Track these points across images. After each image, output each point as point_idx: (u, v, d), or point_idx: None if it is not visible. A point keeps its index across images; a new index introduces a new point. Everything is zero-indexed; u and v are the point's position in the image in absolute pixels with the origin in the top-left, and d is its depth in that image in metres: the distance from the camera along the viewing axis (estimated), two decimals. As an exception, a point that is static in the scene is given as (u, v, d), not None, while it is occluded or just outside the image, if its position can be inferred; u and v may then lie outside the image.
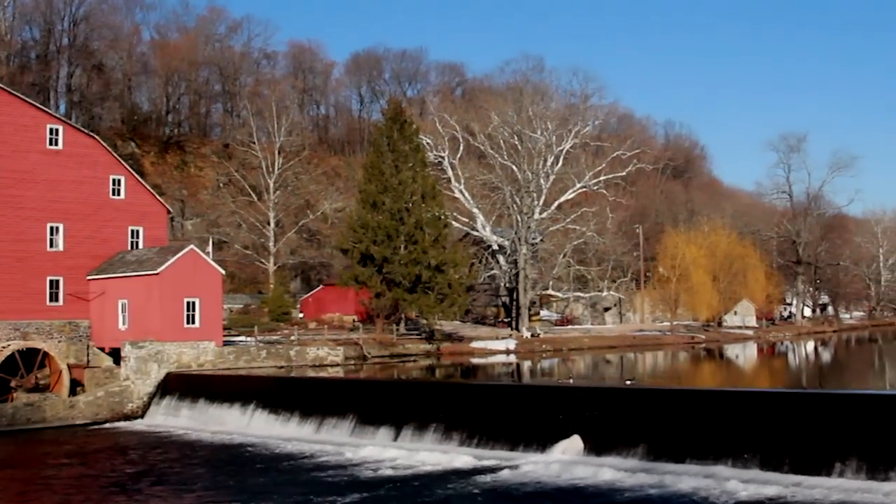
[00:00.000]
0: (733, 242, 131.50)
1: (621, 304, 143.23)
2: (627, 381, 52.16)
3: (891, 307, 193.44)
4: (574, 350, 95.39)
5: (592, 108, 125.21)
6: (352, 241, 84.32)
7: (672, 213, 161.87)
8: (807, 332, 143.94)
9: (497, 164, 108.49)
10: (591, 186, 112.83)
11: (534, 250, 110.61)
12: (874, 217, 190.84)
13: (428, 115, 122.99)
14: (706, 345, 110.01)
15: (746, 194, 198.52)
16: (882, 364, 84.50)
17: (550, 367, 79.23)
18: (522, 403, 38.85)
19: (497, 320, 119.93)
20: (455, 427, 38.31)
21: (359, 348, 76.90)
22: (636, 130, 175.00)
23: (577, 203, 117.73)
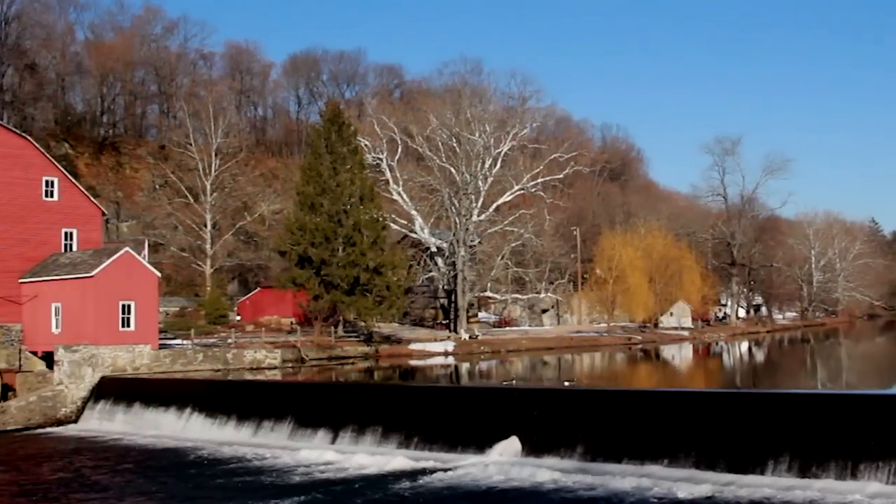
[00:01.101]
0: (669, 244, 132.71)
1: (559, 306, 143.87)
2: (566, 382, 52.41)
3: (822, 307, 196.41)
4: (512, 352, 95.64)
5: (530, 111, 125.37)
6: (289, 243, 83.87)
7: (609, 216, 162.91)
8: (741, 333, 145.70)
9: (435, 166, 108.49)
10: (529, 189, 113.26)
11: (472, 252, 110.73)
12: (806, 219, 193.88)
13: (366, 116, 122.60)
14: (643, 346, 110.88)
15: (682, 196, 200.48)
16: (813, 364, 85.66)
17: (489, 368, 79.35)
18: (460, 405, 38.84)
19: (435, 322, 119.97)
20: (393, 429, 38.20)
21: (297, 351, 76.53)
22: (573, 133, 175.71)
23: (515, 205, 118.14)
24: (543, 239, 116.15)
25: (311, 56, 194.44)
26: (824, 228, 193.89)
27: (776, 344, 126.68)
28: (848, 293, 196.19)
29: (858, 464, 27.30)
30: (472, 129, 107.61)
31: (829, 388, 57.36)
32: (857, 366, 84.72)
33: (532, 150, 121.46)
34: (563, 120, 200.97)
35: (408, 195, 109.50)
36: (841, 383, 62.94)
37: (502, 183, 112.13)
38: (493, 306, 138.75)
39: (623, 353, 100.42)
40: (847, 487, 26.67)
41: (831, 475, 27.45)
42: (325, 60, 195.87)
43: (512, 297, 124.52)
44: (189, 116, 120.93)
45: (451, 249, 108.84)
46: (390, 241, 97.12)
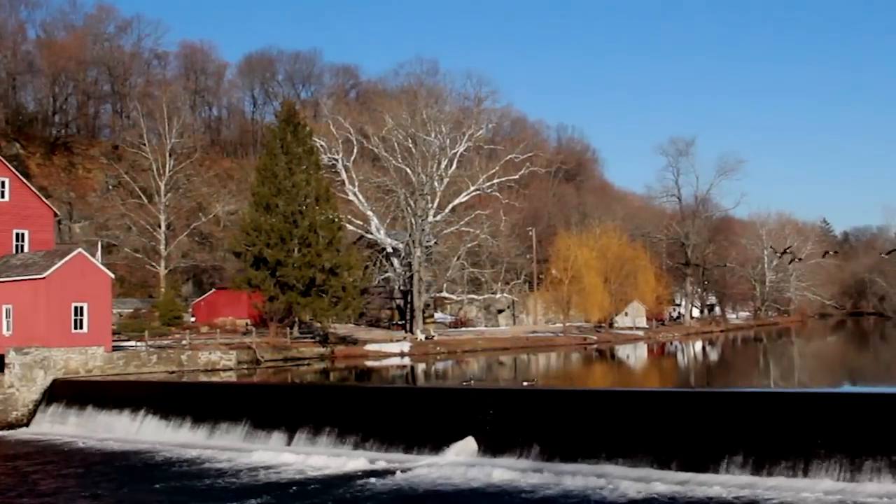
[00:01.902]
0: (624, 245, 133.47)
1: (515, 306, 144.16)
2: (525, 382, 52.52)
3: (775, 307, 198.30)
4: (468, 352, 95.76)
5: (486, 112, 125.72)
6: (245, 244, 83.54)
7: (564, 216, 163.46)
8: (695, 333, 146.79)
9: (391, 167, 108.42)
10: (485, 189, 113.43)
11: (428, 253, 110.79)
12: (759, 219, 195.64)
13: (322, 117, 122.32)
14: (598, 346, 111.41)
15: (637, 197, 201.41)
16: (766, 363, 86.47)
17: (445, 369, 79.43)
18: (416, 406, 38.85)
19: (391, 323, 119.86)
20: (349, 430, 38.13)
21: (252, 352, 76.24)
22: (529, 134, 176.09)
23: (471, 206, 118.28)
24: (499, 239, 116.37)
25: (266, 56, 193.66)
26: (777, 229, 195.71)
27: (729, 343, 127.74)
28: (800, 293, 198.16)
29: (810, 461, 27.61)
30: (427, 129, 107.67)
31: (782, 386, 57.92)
32: (808, 364, 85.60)
33: (488, 151, 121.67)
34: (518, 121, 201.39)
35: (364, 196, 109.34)
36: (793, 382, 63.56)
37: (458, 184, 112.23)
38: (449, 307, 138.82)
39: (579, 353, 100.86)
40: (800, 485, 26.96)
41: (784, 473, 27.73)
42: (281, 60, 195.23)
43: (468, 298, 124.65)
44: (143, 116, 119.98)
45: (407, 250, 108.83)
46: (346, 241, 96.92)
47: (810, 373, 75.92)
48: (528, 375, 66.74)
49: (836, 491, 26.15)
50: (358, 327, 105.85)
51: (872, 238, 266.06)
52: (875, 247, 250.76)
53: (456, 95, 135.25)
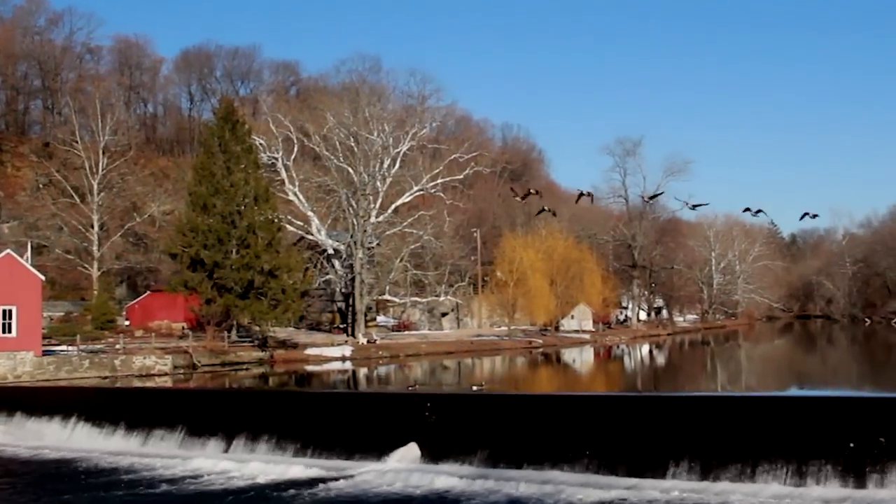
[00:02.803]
0: (570, 246, 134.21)
1: (459, 309, 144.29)
2: (474, 386, 52.66)
3: (722, 310, 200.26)
4: (411, 356, 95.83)
5: (430, 110, 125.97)
6: (181, 245, 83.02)
7: (510, 217, 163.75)
8: (642, 336, 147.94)
9: (332, 167, 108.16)
10: (429, 189, 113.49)
11: (370, 254, 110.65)
12: (707, 221, 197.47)
13: (261, 114, 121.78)
14: (544, 349, 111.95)
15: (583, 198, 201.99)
16: (713, 366, 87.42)
17: (387, 373, 79.46)
18: (358, 411, 38.79)
19: (333, 326, 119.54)
20: (289, 437, 37.96)
21: (188, 357, 75.84)
22: (474, 133, 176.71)
23: (415, 206, 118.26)
24: (443, 241, 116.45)
25: (203, 51, 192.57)
26: (724, 230, 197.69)
27: (677, 347, 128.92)
28: (747, 295, 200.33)
29: (758, 465, 27.94)
30: (370, 128, 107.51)
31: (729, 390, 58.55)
32: (755, 368, 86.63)
33: (432, 150, 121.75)
34: (463, 119, 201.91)
35: (304, 196, 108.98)
36: (740, 386, 64.29)
37: (401, 184, 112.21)
38: (391, 310, 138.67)
39: (524, 357, 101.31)
40: (747, 489, 27.28)
41: (731, 478, 28.04)
42: (219, 56, 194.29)
43: (411, 301, 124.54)
44: (75, 113, 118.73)
45: (348, 252, 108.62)
46: (286, 243, 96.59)
47: (757, 376, 76.88)
48: (476, 380, 66.92)
49: (784, 495, 26.49)
50: (298, 331, 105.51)
51: (820, 240, 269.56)
52: (822, 249, 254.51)
53: (399, 93, 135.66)
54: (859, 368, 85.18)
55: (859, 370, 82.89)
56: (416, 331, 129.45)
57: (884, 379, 72.31)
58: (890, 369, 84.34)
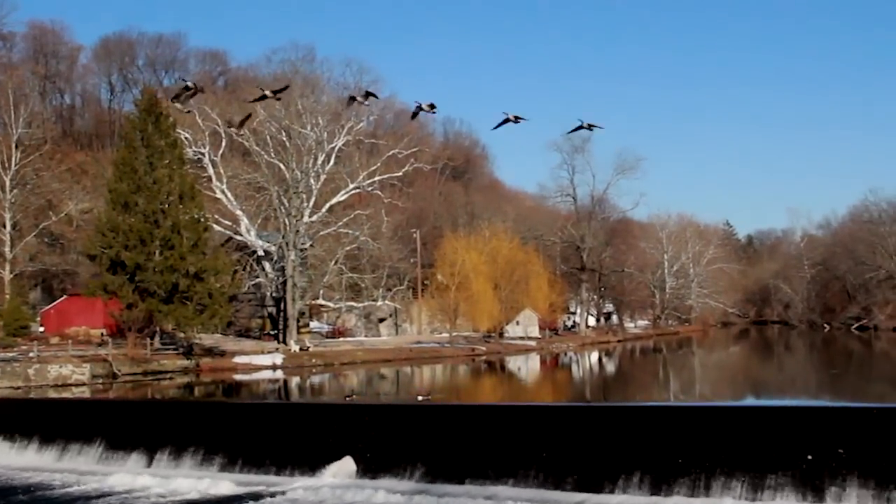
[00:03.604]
0: (515, 248, 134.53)
1: (397, 315, 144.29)
2: (420, 396, 52.80)
3: (675, 315, 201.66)
4: (346, 364, 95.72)
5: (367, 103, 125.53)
6: (100, 246, 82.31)
7: (451, 217, 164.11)
8: (591, 343, 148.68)
9: (263, 162, 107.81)
10: (366, 187, 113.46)
11: (303, 256, 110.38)
12: (659, 222, 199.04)
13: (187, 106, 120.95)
14: (487, 357, 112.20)
15: (529, 197, 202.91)
16: (666, 375, 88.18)
17: (321, 383, 79.36)
18: (290, 423, 38.65)
19: (263, 333, 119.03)
20: (216, 451, 37.75)
21: (108, 365, 75.27)
22: (413, 127, 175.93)
23: (350, 205, 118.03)
24: (381, 242, 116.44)
25: (125, 39, 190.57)
26: (677, 231, 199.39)
27: (627, 354, 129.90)
28: (701, 300, 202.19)
29: (712, 479, 28.17)
30: (303, 121, 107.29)
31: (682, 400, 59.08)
32: (709, 377, 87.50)
33: (369, 146, 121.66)
34: (402, 113, 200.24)
35: (233, 193, 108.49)
36: (693, 395, 64.89)
37: (336, 181, 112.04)
38: (325, 315, 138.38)
39: (466, 365, 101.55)
40: (701, 504, 27.56)
41: (684, 492, 28.24)
42: (142, 44, 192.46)
43: (346, 306, 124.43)
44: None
45: (279, 253, 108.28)
46: (213, 243, 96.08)
47: (712, 385, 77.65)
48: (422, 390, 66.99)
49: (740, 511, 26.80)
50: (226, 338, 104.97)
51: (777, 242, 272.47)
52: (780, 251, 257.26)
53: (334, 84, 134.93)
54: (818, 377, 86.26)
55: (818, 378, 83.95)
56: (352, 337, 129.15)
57: (843, 388, 73.25)
58: (850, 377, 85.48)
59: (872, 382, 78.98)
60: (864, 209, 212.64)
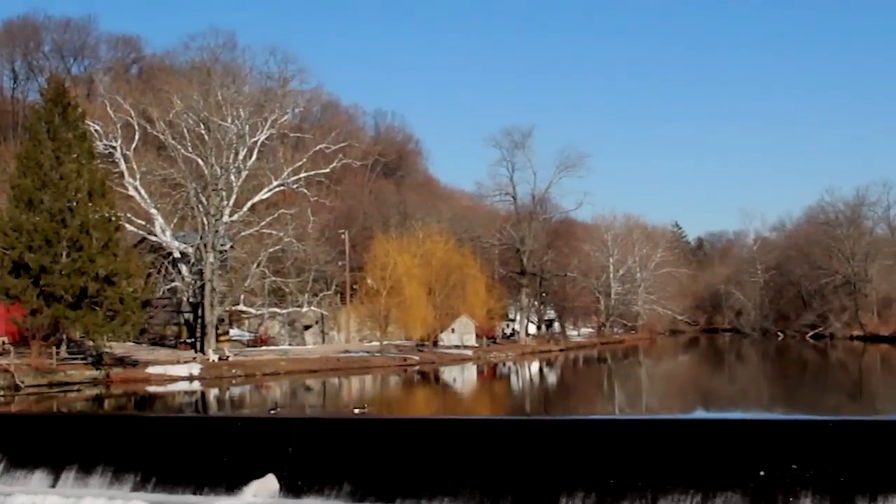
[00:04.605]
0: (451, 250, 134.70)
1: (324, 322, 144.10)
2: (357, 409, 52.82)
3: (621, 322, 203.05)
4: (269, 375, 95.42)
5: (292, 94, 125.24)
6: (2, 246, 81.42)
7: (383, 217, 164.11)
8: (531, 352, 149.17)
9: (180, 157, 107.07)
10: (291, 184, 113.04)
11: (222, 259, 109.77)
12: (604, 223, 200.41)
13: (97, 96, 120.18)
14: (420, 367, 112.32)
15: (466, 196, 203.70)
16: (611, 386, 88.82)
17: (242, 395, 79.13)
18: (208, 439, 38.47)
19: (179, 341, 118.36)
20: (127, 468, 37.47)
21: (10, 376, 74.50)
22: (342, 120, 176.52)
23: (274, 204, 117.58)
24: (307, 243, 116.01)
25: (29, 23, 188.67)
26: (624, 233, 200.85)
27: (570, 364, 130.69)
28: (649, 306, 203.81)
29: (659, 496, 28.40)
30: (223, 113, 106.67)
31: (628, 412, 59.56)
32: (657, 388, 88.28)
33: (294, 140, 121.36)
34: (330, 105, 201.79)
35: (146, 190, 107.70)
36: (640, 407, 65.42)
37: (259, 178, 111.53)
38: (247, 322, 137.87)
39: (398, 375, 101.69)
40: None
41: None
42: (48, 28, 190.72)
43: (269, 312, 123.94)
44: None
45: (197, 255, 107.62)
46: (125, 244, 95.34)
47: (660, 397, 78.38)
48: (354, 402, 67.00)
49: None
50: (139, 346, 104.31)
51: (729, 244, 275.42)
52: (732, 255, 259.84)
53: (257, 74, 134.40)
54: (771, 388, 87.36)
55: (771, 390, 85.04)
56: (275, 346, 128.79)
57: (798, 399, 74.26)
58: (805, 388, 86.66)
59: (828, 394, 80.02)
60: (821, 210, 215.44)
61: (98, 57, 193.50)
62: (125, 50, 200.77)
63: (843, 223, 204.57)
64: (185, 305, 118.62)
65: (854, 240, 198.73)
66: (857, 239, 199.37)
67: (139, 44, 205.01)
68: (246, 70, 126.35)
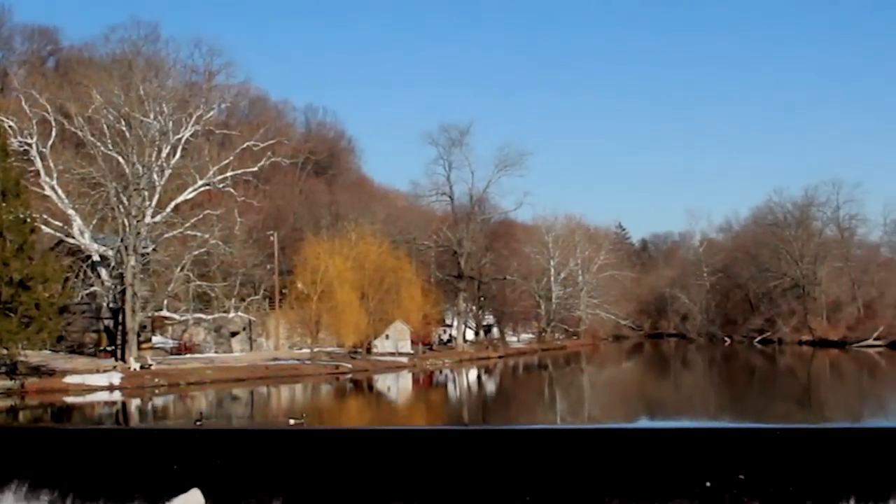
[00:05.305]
0: (385, 253, 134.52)
1: (252, 328, 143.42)
2: (292, 420, 52.66)
3: (563, 328, 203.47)
4: (194, 384, 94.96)
5: (218, 88, 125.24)
6: None
7: (313, 218, 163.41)
8: (469, 359, 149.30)
9: (99, 155, 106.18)
10: (216, 184, 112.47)
11: (144, 262, 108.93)
12: (545, 224, 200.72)
13: (11, 90, 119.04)
14: (353, 375, 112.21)
15: (401, 196, 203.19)
16: (552, 394, 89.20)
17: (165, 405, 78.72)
18: (129, 452, 38.26)
19: (98, 349, 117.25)
20: (43, 483, 37.19)
21: (-84, 388, 73.80)
22: (271, 117, 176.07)
23: (199, 204, 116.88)
24: (233, 246, 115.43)
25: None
26: (565, 235, 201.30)
27: (510, 372, 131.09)
28: (591, 311, 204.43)
29: (602, 508, 28.60)
30: (145, 108, 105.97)
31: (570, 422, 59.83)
32: (600, 396, 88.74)
33: (220, 137, 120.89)
34: (258, 100, 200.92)
35: (64, 190, 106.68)
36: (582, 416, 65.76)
37: (183, 177, 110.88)
38: (170, 329, 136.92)
39: (330, 384, 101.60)
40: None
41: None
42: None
43: (194, 318, 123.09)
44: None
45: (118, 258, 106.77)
46: (41, 247, 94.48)
47: (602, 406, 78.82)
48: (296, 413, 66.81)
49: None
50: (56, 354, 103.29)
51: (674, 246, 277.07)
52: (677, 257, 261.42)
53: (181, 68, 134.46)
54: (717, 395, 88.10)
55: (717, 397, 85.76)
56: (201, 354, 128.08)
57: (745, 407, 74.89)
58: (752, 396, 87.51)
59: (775, 401, 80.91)
60: (768, 211, 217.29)
61: (12, 49, 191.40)
62: (41, 42, 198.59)
63: (791, 224, 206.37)
64: (105, 311, 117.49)
65: (803, 241, 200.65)
66: (805, 240, 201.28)
67: (56, 35, 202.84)
68: (169, 63, 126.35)
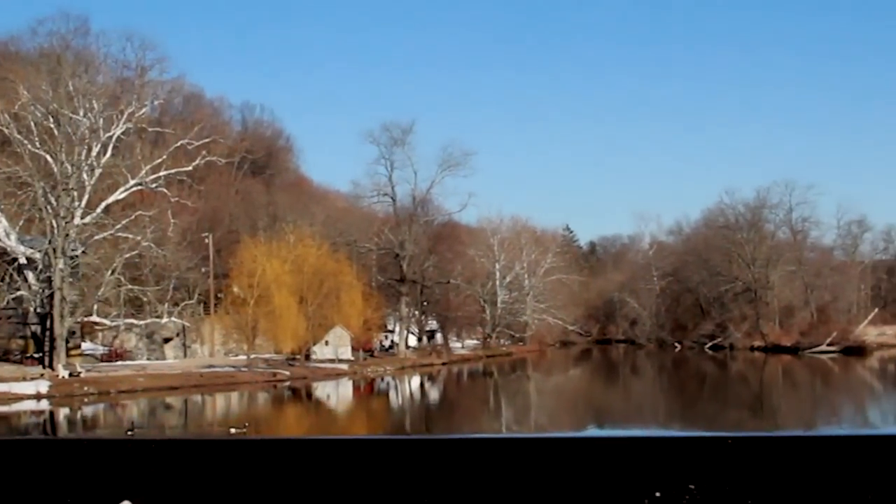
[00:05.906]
0: (325, 256, 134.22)
1: (186, 334, 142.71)
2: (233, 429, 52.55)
3: (508, 334, 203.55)
4: (125, 392, 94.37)
5: (151, 84, 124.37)
6: None
7: (250, 219, 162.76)
8: (411, 366, 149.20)
9: (26, 153, 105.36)
10: (149, 184, 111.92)
11: (74, 265, 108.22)
12: (490, 226, 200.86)
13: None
14: (291, 383, 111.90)
15: (341, 196, 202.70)
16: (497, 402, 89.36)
17: (95, 414, 78.22)
18: (56, 463, 37.89)
19: (25, 356, 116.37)
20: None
21: None
22: (207, 114, 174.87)
23: (131, 205, 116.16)
24: (166, 248, 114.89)
25: None
26: (511, 237, 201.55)
27: (454, 379, 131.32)
28: (538, 316, 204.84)
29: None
30: (75, 105, 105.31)
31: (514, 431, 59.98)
32: (546, 404, 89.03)
33: (153, 135, 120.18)
34: (193, 97, 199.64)
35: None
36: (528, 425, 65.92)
37: (114, 176, 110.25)
38: (101, 335, 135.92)
39: (267, 392, 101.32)
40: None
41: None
42: None
43: (125, 323, 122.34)
44: None
45: (45, 261, 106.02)
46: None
47: (549, 414, 79.10)
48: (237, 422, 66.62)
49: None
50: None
51: (623, 249, 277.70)
52: (626, 260, 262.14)
53: (112, 63, 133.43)
54: (667, 403, 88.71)
55: (667, 405, 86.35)
56: (132, 361, 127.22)
57: (695, 415, 75.42)
58: (703, 403, 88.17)
59: (727, 409, 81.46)
60: (720, 213, 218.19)
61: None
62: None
63: (743, 226, 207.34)
64: (31, 316, 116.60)
65: (755, 244, 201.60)
66: (757, 243, 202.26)
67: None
68: (100, 58, 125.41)
